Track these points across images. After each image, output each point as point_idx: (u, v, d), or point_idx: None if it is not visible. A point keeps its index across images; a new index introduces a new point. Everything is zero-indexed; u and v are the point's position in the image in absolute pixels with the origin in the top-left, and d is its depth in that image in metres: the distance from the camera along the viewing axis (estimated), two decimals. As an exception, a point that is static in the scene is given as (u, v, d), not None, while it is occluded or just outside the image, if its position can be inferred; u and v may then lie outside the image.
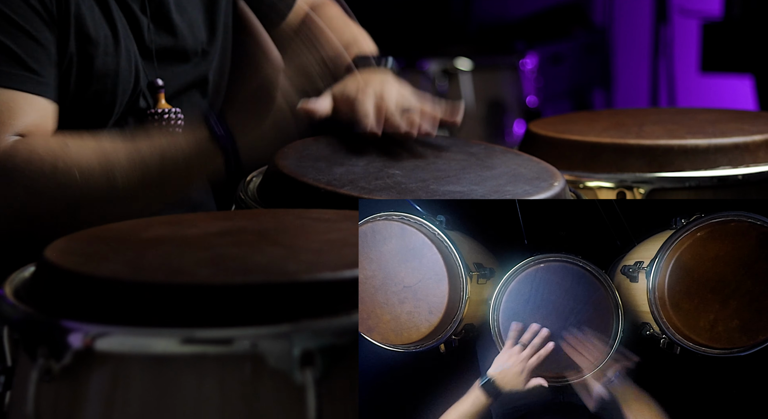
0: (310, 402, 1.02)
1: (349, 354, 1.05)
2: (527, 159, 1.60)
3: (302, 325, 1.03)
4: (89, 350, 1.05)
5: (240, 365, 1.03)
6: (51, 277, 1.12)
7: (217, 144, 1.47)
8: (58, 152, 1.46)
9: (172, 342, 1.03)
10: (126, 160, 1.47)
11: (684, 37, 4.95)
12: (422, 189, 1.43)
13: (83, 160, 1.46)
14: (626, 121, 1.93)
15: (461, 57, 4.24)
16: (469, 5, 5.31)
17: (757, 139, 1.77)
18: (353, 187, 1.42)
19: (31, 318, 1.10)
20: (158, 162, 1.47)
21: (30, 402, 1.06)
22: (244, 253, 1.16)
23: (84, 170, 1.45)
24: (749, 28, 4.16)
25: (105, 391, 1.06)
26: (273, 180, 1.50)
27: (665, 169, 1.74)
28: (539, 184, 1.47)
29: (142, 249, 1.19)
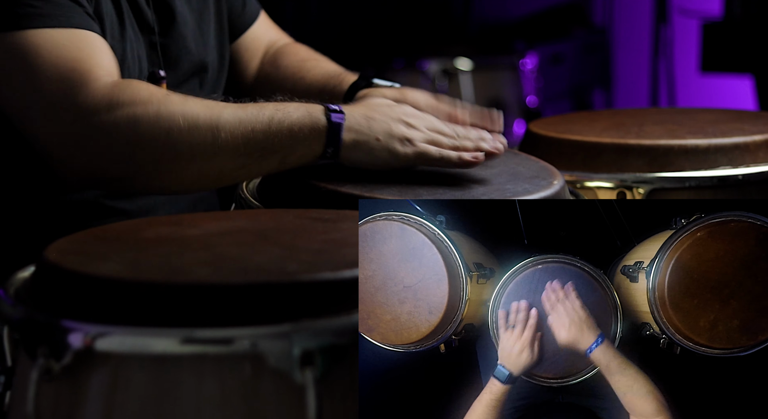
0: (310, 402, 1.02)
1: (349, 354, 1.05)
2: (526, 158, 1.60)
3: (302, 325, 1.03)
4: (89, 350, 1.05)
5: (240, 365, 1.04)
6: (51, 277, 1.12)
7: (329, 126, 1.43)
8: (161, 98, 1.41)
9: (172, 342, 1.03)
10: (232, 116, 1.41)
11: (684, 37, 4.95)
12: (423, 188, 1.43)
13: (188, 108, 1.41)
14: (626, 121, 1.93)
15: (461, 57, 4.24)
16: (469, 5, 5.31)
17: (757, 139, 1.77)
18: (353, 186, 1.42)
19: (31, 318, 1.10)
20: (265, 126, 1.41)
21: (30, 402, 1.06)
22: (244, 253, 1.16)
23: (188, 119, 1.40)
24: (749, 28, 4.16)
25: (105, 391, 1.06)
26: (273, 179, 1.50)
27: (665, 169, 1.74)
28: (539, 183, 1.47)
29: (142, 249, 1.19)
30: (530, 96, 4.32)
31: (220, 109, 1.42)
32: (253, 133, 1.41)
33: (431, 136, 1.47)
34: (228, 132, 1.40)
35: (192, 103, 1.42)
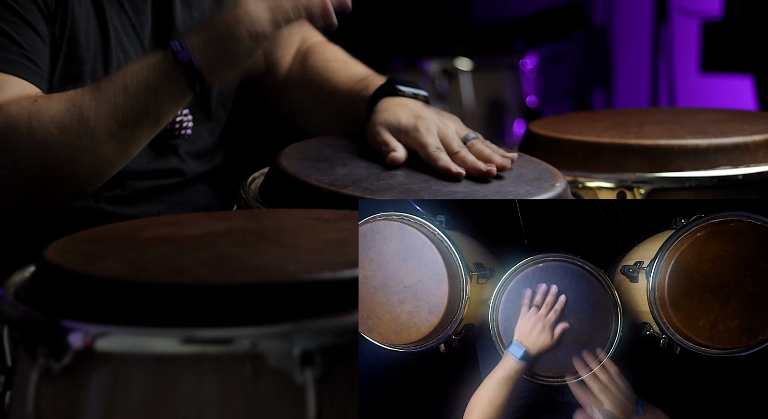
0: (310, 402, 1.02)
1: (349, 354, 1.05)
2: (528, 160, 1.60)
3: (302, 325, 1.03)
4: (89, 350, 1.05)
5: (240, 365, 1.04)
6: (51, 277, 1.12)
7: (181, 68, 1.44)
8: (29, 109, 1.43)
9: (172, 342, 1.03)
10: (92, 99, 1.44)
11: (684, 37, 4.95)
12: (424, 189, 1.43)
13: (53, 110, 1.43)
14: (626, 121, 1.93)
15: (461, 57, 4.24)
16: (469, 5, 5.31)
17: (757, 139, 1.77)
18: (356, 187, 1.42)
19: (31, 318, 1.10)
20: (122, 94, 1.44)
21: (30, 402, 1.06)
22: (244, 253, 1.16)
23: (57, 121, 1.42)
24: (749, 28, 4.16)
25: (105, 391, 1.06)
26: (275, 180, 1.50)
27: (665, 169, 1.73)
28: (541, 185, 1.47)
29: (142, 249, 1.19)
30: (530, 96, 4.32)
31: (80, 98, 1.44)
32: (115, 107, 1.43)
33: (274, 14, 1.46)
34: (95, 117, 1.43)
35: (56, 102, 1.44)
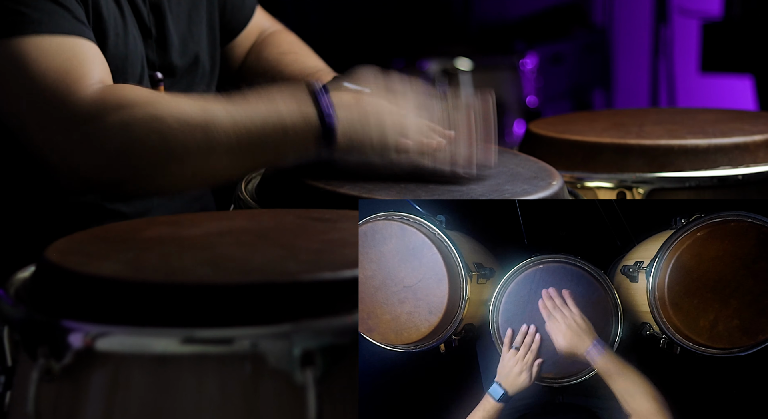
0: (310, 402, 1.02)
1: (349, 354, 1.05)
2: (525, 158, 1.60)
3: (302, 325, 1.03)
4: (89, 350, 1.05)
5: (240, 365, 1.04)
6: (51, 277, 1.12)
7: (321, 122, 1.41)
8: (151, 99, 1.40)
9: (172, 342, 1.03)
10: (225, 114, 1.39)
11: (684, 37, 4.95)
12: (422, 188, 1.43)
13: (180, 109, 1.39)
14: (626, 121, 1.93)
15: (461, 57, 4.25)
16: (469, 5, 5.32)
17: (757, 139, 1.77)
18: (353, 186, 1.42)
19: (31, 318, 1.10)
20: (259, 128, 1.40)
21: (30, 402, 1.06)
22: (244, 253, 1.16)
23: (181, 119, 1.38)
24: (749, 28, 4.17)
25: (105, 391, 1.06)
26: (272, 180, 1.50)
27: (665, 169, 1.74)
28: (538, 183, 1.47)
29: (142, 249, 1.19)
30: (530, 96, 4.32)
31: (213, 108, 1.40)
32: (247, 133, 1.40)
33: (426, 148, 1.46)
34: (222, 131, 1.39)
35: (183, 102, 1.41)
